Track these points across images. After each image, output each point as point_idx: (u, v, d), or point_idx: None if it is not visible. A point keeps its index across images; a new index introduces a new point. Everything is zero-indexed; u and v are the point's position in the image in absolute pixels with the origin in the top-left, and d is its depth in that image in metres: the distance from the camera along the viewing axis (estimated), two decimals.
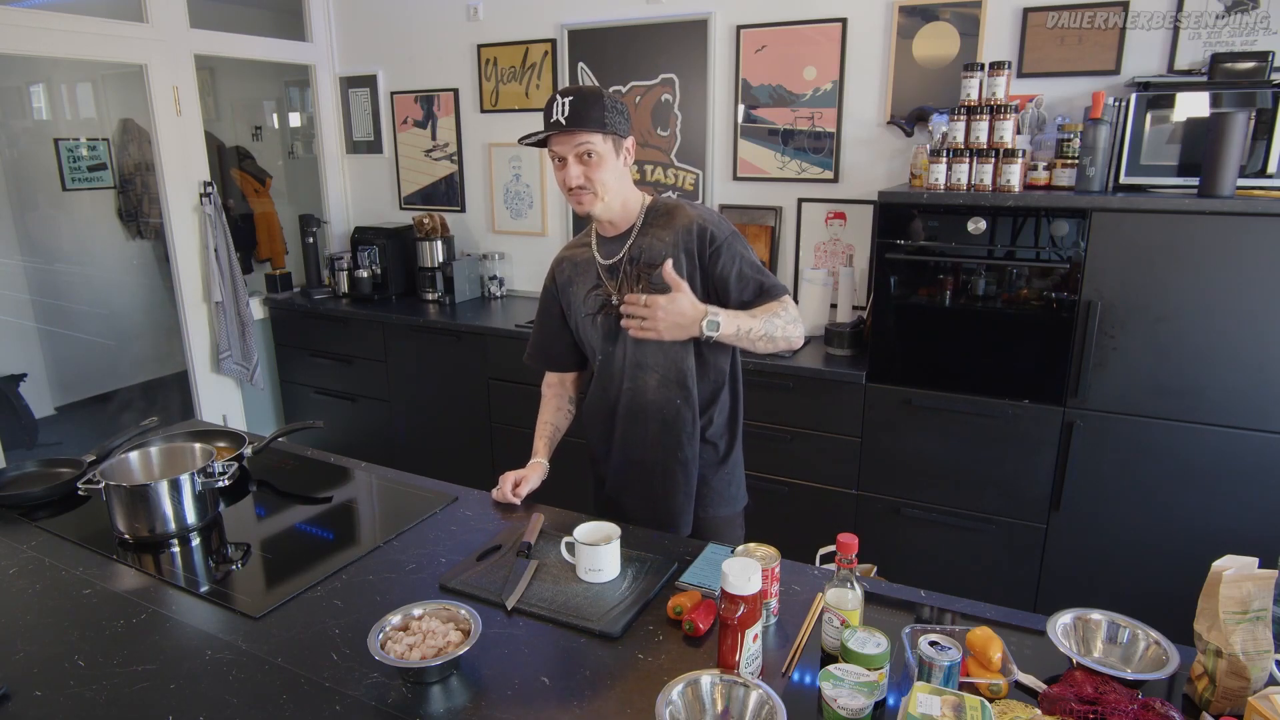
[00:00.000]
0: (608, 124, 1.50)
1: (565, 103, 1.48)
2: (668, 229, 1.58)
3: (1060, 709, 0.99)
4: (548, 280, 1.76)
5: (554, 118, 1.49)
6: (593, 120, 1.48)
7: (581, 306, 1.67)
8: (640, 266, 1.58)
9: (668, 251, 1.56)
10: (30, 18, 2.87)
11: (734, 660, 1.06)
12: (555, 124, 1.48)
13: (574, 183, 1.52)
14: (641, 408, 1.64)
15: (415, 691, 1.09)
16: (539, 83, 3.44)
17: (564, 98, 1.48)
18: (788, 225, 3.10)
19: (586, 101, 1.48)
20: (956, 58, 2.67)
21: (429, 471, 1.92)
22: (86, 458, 1.81)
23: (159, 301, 4.50)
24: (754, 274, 1.58)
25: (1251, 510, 2.15)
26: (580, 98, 1.48)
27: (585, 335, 1.69)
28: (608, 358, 1.66)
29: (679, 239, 1.56)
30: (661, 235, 1.58)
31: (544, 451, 1.76)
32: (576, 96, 1.48)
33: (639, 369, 1.63)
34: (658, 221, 1.60)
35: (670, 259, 1.51)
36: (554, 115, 1.49)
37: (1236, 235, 2.01)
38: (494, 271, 3.71)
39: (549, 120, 1.50)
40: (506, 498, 1.66)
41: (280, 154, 4.86)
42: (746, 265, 1.57)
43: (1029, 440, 2.34)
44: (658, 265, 1.54)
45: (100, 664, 1.15)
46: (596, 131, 1.49)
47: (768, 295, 1.57)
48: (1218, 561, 1.04)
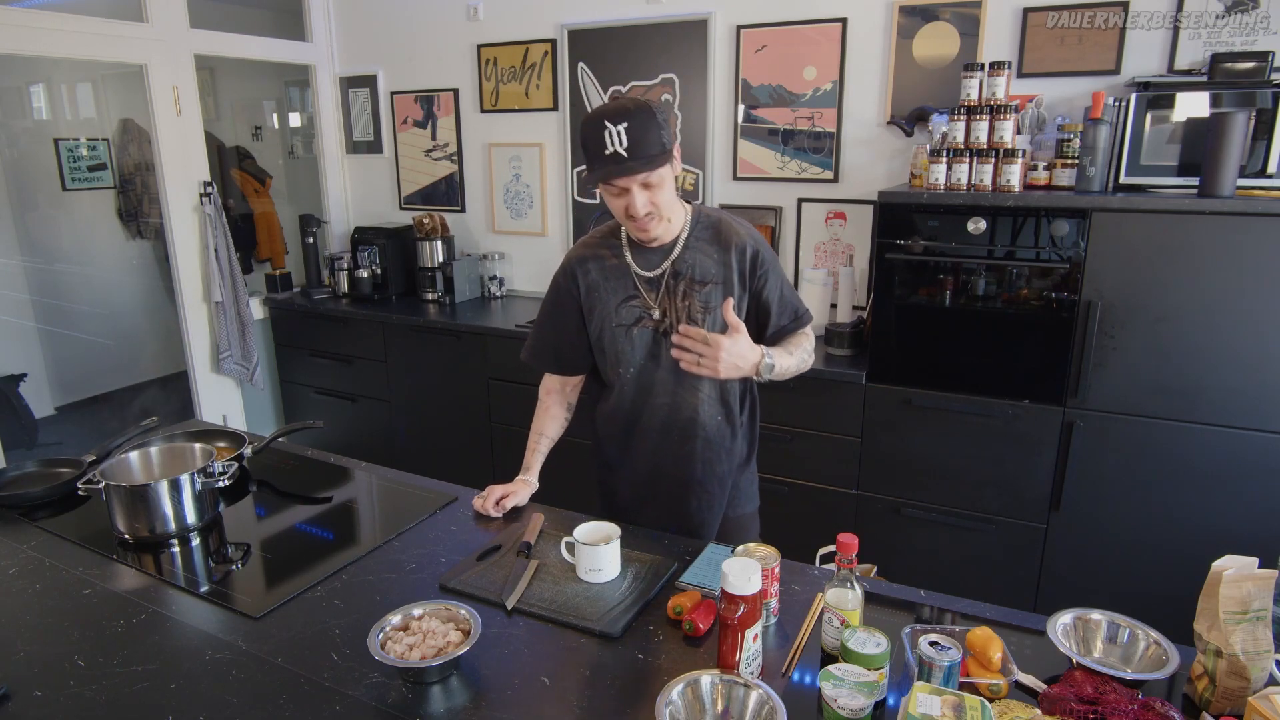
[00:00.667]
0: (666, 144, 1.38)
1: (619, 132, 1.33)
2: (715, 245, 1.53)
3: (1060, 709, 0.99)
4: (563, 278, 1.63)
5: (611, 149, 1.34)
6: (654, 147, 1.35)
7: (613, 315, 1.58)
8: (687, 282, 1.52)
9: (719, 271, 1.52)
10: (30, 18, 2.87)
11: (734, 660, 1.06)
12: (615, 156, 1.35)
13: (641, 211, 1.42)
14: (680, 424, 1.60)
15: (415, 691, 1.09)
16: (539, 83, 3.44)
17: (616, 125, 1.33)
18: (788, 225, 3.10)
19: (644, 125, 1.34)
20: (956, 58, 2.67)
21: (429, 471, 1.92)
22: (86, 458, 1.81)
23: (159, 301, 4.50)
24: (792, 298, 1.59)
25: (1251, 510, 2.15)
26: (637, 124, 1.34)
27: (613, 345, 1.60)
28: (643, 371, 1.59)
29: (731, 260, 1.52)
30: (709, 252, 1.52)
31: (535, 467, 1.70)
32: (632, 123, 1.34)
33: (682, 386, 1.58)
34: (704, 235, 1.54)
35: (729, 297, 1.48)
36: (610, 146, 1.34)
37: (1236, 235, 2.01)
38: (494, 271, 3.71)
39: (604, 151, 1.35)
40: (486, 510, 1.62)
41: (280, 154, 4.86)
42: (787, 289, 1.58)
43: (1029, 440, 2.34)
44: (708, 282, 1.51)
45: (100, 664, 1.15)
46: (662, 163, 1.38)
47: (800, 321, 1.60)
48: (1218, 561, 1.04)
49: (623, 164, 1.35)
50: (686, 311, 1.54)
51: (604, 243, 1.61)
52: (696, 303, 1.53)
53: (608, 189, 1.44)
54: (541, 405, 1.76)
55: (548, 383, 1.76)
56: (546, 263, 3.67)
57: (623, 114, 1.35)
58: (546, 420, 1.74)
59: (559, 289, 1.64)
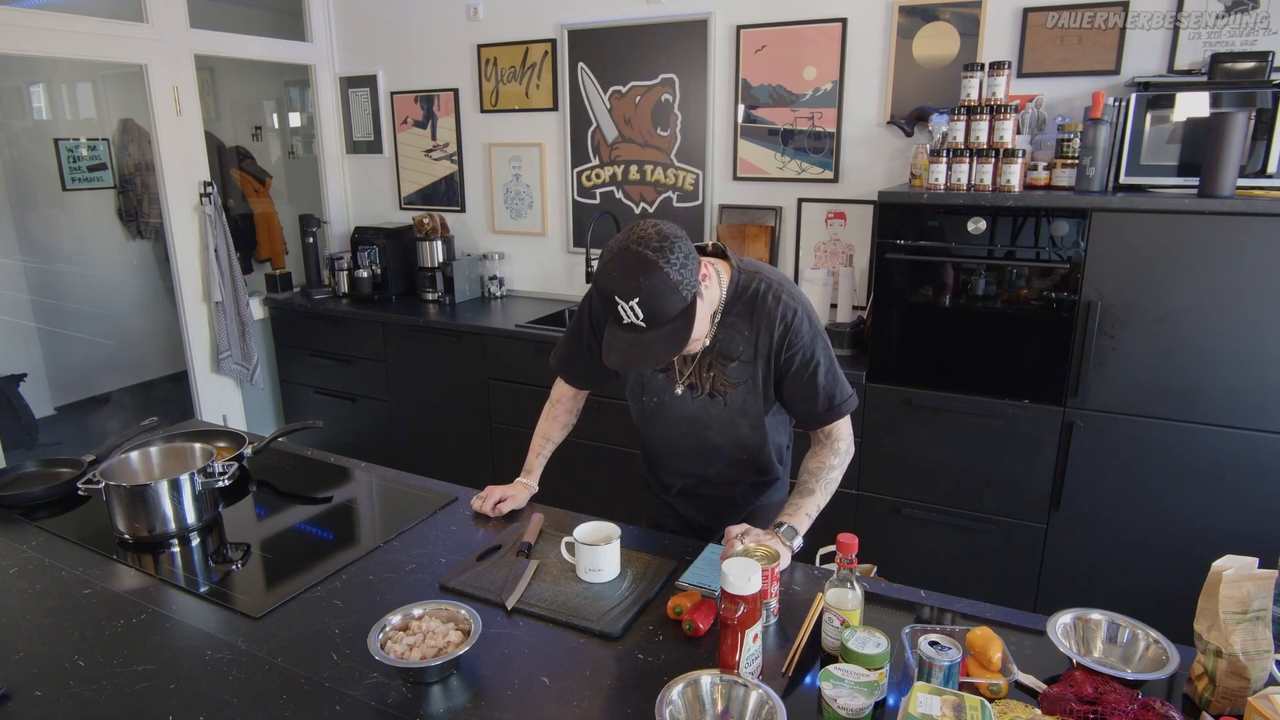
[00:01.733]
0: (686, 297, 1.24)
1: (632, 307, 1.22)
2: (747, 321, 1.43)
3: (1060, 709, 0.99)
4: (592, 306, 1.58)
5: (627, 319, 1.24)
6: (672, 308, 1.23)
7: (635, 379, 1.57)
8: (714, 355, 1.46)
9: (747, 350, 1.44)
10: (30, 18, 2.87)
11: (734, 660, 1.06)
12: (633, 326, 1.24)
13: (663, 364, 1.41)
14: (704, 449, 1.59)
15: (415, 691, 1.09)
16: (539, 83, 3.44)
17: (628, 300, 1.21)
18: (788, 225, 3.10)
19: (657, 293, 1.20)
20: (956, 58, 2.67)
21: (429, 471, 1.92)
22: (86, 458, 1.81)
23: (159, 301, 4.50)
24: (827, 383, 1.45)
25: (1251, 510, 2.15)
26: (648, 294, 1.20)
27: (637, 407, 1.60)
28: (664, 405, 1.56)
29: (758, 339, 1.43)
30: (740, 328, 1.44)
31: (536, 471, 1.70)
32: (644, 294, 1.20)
33: (706, 428, 1.55)
34: (738, 310, 1.43)
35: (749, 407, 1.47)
36: (626, 317, 1.23)
37: (1236, 235, 2.01)
38: (494, 271, 3.71)
39: (621, 321, 1.24)
40: (484, 509, 1.62)
41: (280, 154, 4.86)
42: (822, 373, 1.44)
43: (1029, 440, 2.33)
44: (734, 359, 1.45)
45: (100, 664, 1.15)
46: (684, 322, 1.26)
47: (834, 412, 1.46)
48: (1218, 561, 1.04)
49: (643, 334, 1.25)
50: (711, 384, 1.49)
51: None
52: (722, 377, 1.48)
53: None
54: (550, 409, 1.74)
55: (561, 389, 1.74)
56: (546, 263, 3.68)
57: (634, 287, 1.21)
58: (553, 425, 1.73)
59: (588, 311, 1.59)
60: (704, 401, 1.51)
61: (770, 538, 1.35)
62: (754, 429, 1.53)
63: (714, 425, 1.54)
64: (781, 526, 1.39)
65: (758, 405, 1.50)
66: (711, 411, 1.52)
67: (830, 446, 1.50)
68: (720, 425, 1.53)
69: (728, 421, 1.52)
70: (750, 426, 1.53)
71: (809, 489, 1.46)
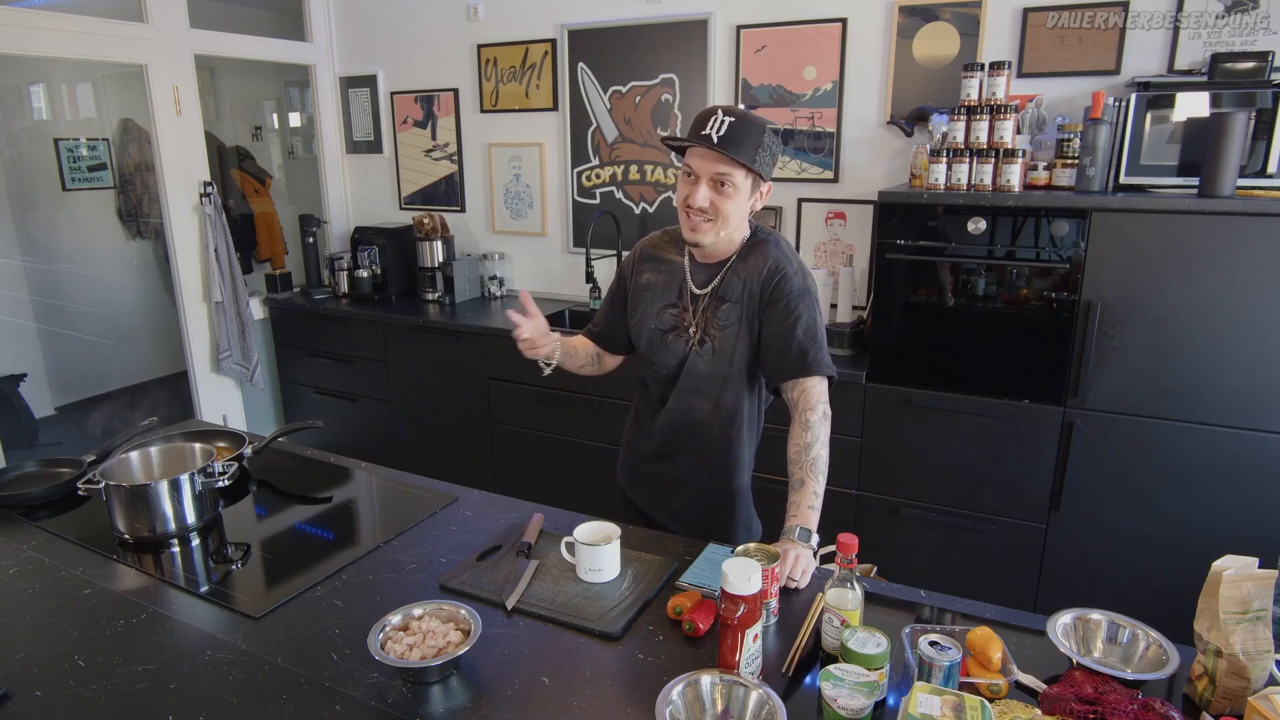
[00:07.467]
0: (757, 161, 1.42)
1: (725, 121, 1.39)
2: (745, 263, 1.53)
3: (1060, 709, 0.99)
4: (626, 265, 1.70)
5: (706, 131, 1.40)
6: (745, 151, 1.40)
7: (654, 319, 1.62)
8: (712, 297, 1.55)
9: (739, 290, 1.53)
10: (30, 18, 2.87)
11: (734, 660, 1.06)
12: (706, 138, 1.40)
13: (699, 203, 1.44)
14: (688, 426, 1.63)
15: (415, 691, 1.09)
16: (539, 83, 3.44)
17: (726, 115, 1.40)
18: (788, 225, 3.10)
19: (747, 129, 1.40)
20: (956, 58, 2.67)
21: (429, 471, 1.92)
22: (86, 458, 1.81)
23: (159, 301, 4.50)
24: (803, 339, 1.47)
25: (1251, 510, 2.15)
26: (742, 123, 1.40)
27: (646, 342, 1.65)
28: (670, 374, 1.63)
29: (748, 280, 1.52)
30: (739, 270, 1.53)
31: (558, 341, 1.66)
32: (739, 120, 1.40)
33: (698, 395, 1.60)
34: (745, 254, 1.54)
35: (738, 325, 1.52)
36: (707, 129, 1.40)
37: (1236, 235, 2.01)
38: (494, 271, 3.71)
39: (700, 131, 1.41)
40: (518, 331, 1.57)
41: (280, 154, 4.86)
42: (801, 328, 1.48)
43: (1029, 440, 2.33)
44: (727, 300, 1.53)
45: (100, 664, 1.15)
46: (742, 165, 1.41)
47: (803, 367, 1.47)
48: (1218, 561, 1.04)
49: (709, 145, 1.39)
50: (705, 324, 1.55)
51: (673, 241, 1.65)
52: (714, 318, 1.54)
53: (682, 174, 1.48)
54: (583, 338, 1.78)
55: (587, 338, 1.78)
56: (546, 263, 3.68)
57: (738, 114, 1.40)
58: (580, 343, 1.76)
59: (620, 274, 1.72)
60: (696, 351, 1.56)
61: (792, 547, 1.35)
62: (735, 399, 1.58)
63: (700, 387, 1.58)
64: (795, 531, 1.38)
65: (743, 356, 1.54)
66: (700, 368, 1.57)
67: (800, 420, 1.46)
68: (706, 385, 1.58)
69: (713, 377, 1.56)
70: (734, 396, 1.58)
71: (798, 481, 1.45)
